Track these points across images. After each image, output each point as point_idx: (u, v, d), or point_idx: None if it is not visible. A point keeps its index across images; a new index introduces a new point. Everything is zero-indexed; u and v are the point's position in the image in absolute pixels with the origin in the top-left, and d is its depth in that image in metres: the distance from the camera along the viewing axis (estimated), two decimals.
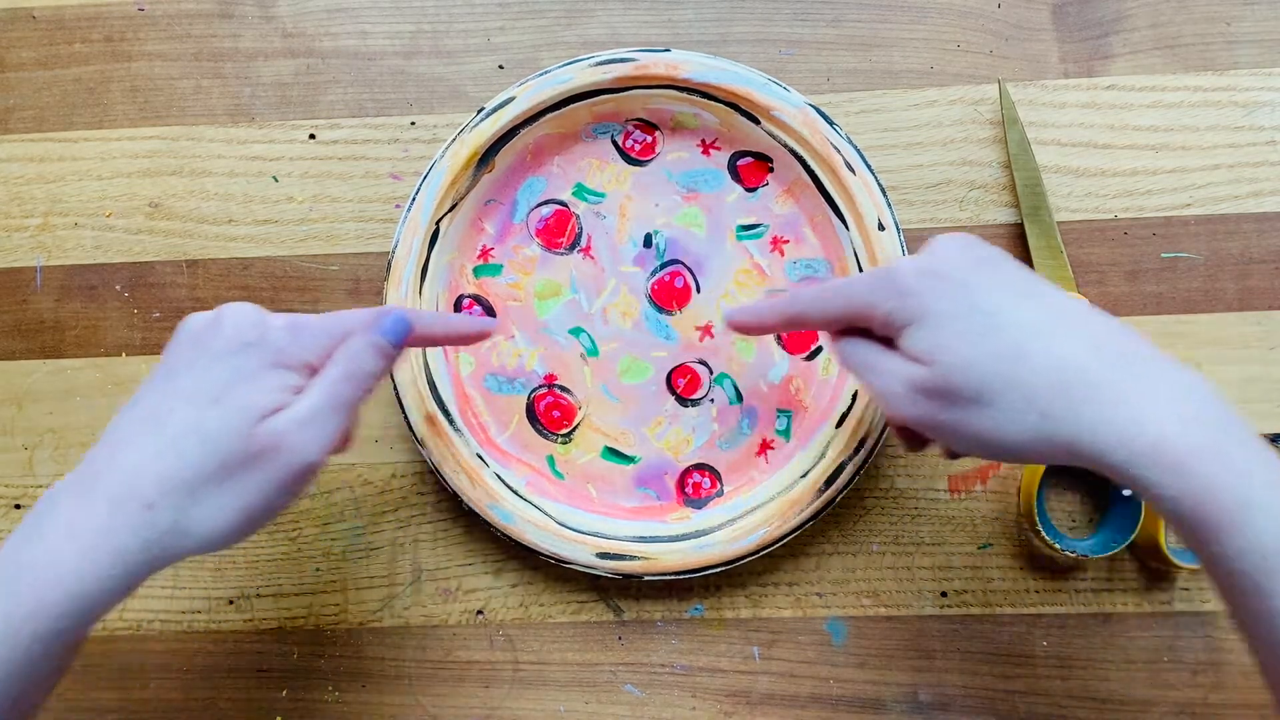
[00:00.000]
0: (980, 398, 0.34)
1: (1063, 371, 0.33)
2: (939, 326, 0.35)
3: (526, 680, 0.50)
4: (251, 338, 0.37)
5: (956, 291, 0.35)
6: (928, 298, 0.35)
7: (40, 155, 0.53)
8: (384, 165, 0.52)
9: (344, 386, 0.37)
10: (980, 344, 0.34)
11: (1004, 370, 0.34)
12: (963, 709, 0.49)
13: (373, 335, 0.38)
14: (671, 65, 0.48)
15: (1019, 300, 0.35)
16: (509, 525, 0.48)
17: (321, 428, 0.36)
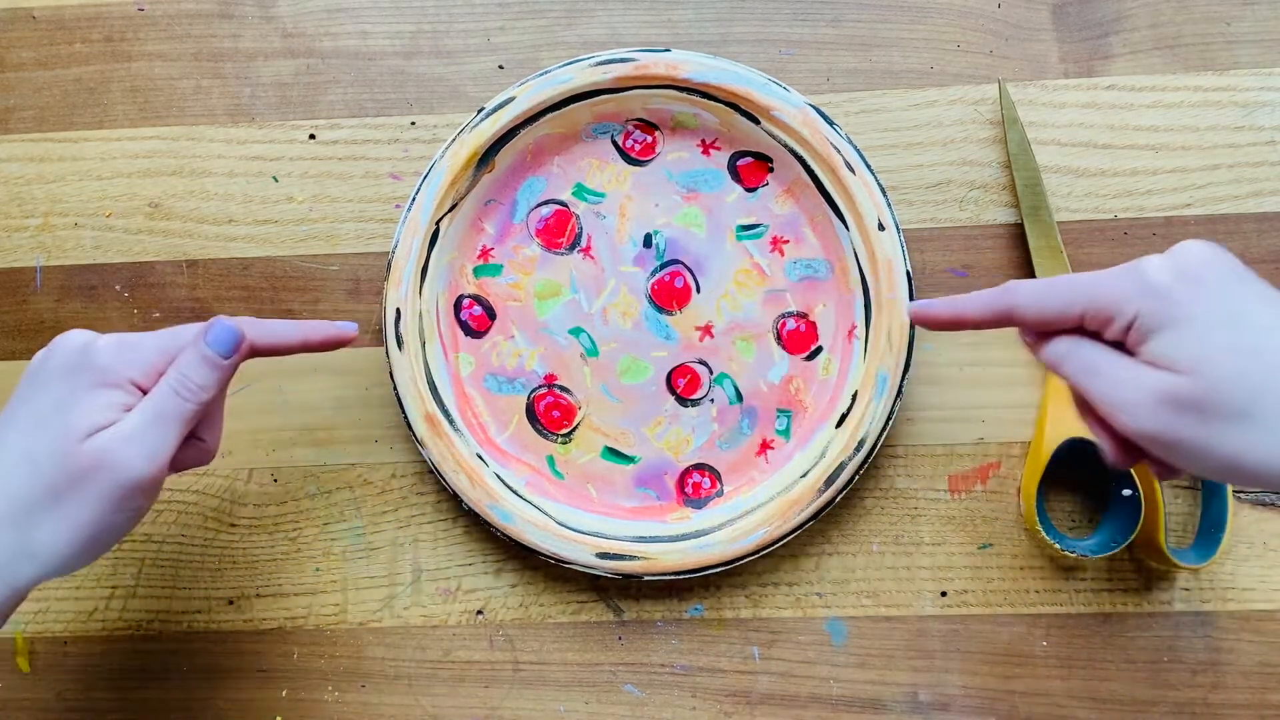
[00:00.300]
0: (1245, 414, 0.31)
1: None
2: (1203, 334, 0.32)
3: (526, 680, 0.50)
4: (75, 361, 0.38)
5: (1220, 299, 0.32)
6: (1187, 302, 0.32)
7: (40, 155, 0.53)
8: (384, 165, 0.52)
9: (171, 399, 0.38)
10: (1253, 358, 0.31)
11: (1272, 384, 0.31)
12: (963, 709, 0.49)
13: (200, 346, 0.39)
14: (671, 65, 0.48)
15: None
16: (509, 525, 0.48)
17: (145, 441, 0.37)
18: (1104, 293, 0.34)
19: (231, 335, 0.39)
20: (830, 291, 0.50)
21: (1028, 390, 0.49)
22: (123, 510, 0.37)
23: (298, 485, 0.51)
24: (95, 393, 0.37)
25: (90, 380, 0.38)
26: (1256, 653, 0.48)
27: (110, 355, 0.38)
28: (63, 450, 0.36)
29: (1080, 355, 0.35)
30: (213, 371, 0.39)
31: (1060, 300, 0.35)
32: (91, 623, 0.51)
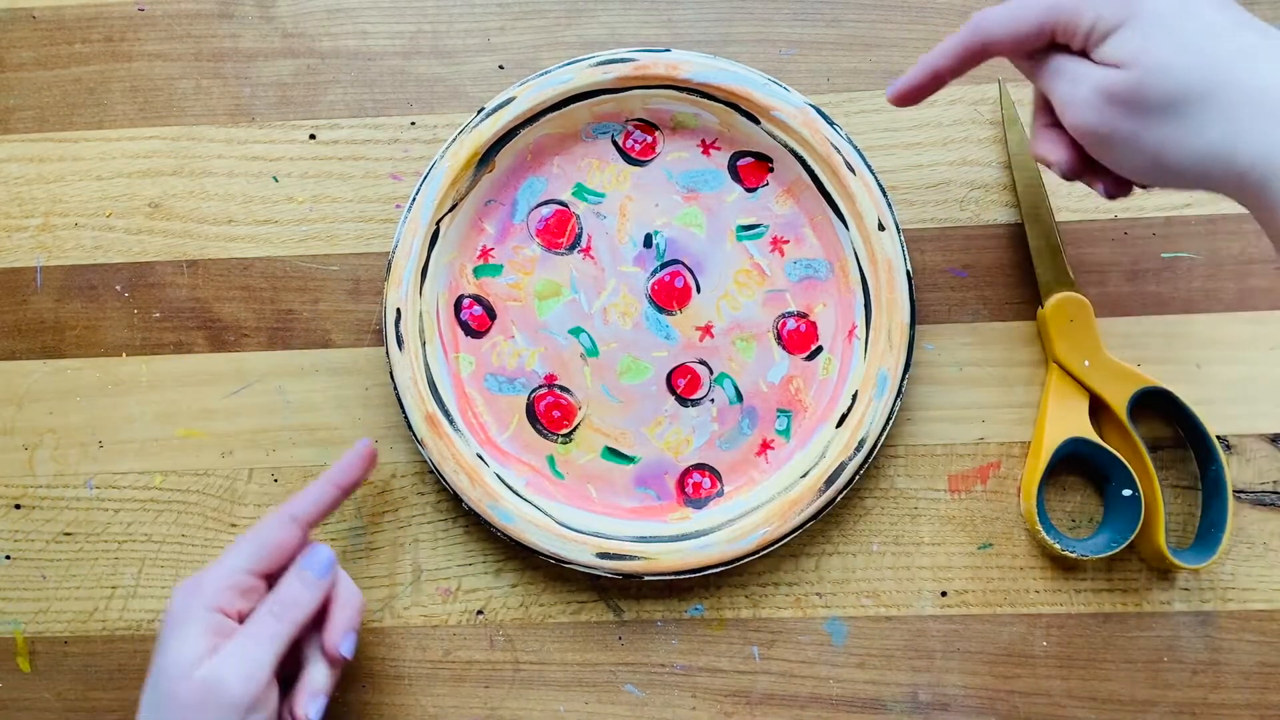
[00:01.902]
0: (1172, 106, 0.32)
1: (1265, 93, 0.32)
2: (1149, 27, 0.33)
3: (526, 680, 0.50)
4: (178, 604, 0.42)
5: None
6: (1139, 1, 0.33)
7: (40, 155, 0.53)
8: (384, 165, 0.52)
9: (266, 621, 0.42)
10: (1188, 51, 0.32)
11: (1208, 80, 0.32)
12: (963, 709, 0.49)
13: (299, 570, 0.43)
14: (671, 65, 0.48)
15: (1237, 23, 0.33)
16: (509, 525, 0.48)
17: (241, 664, 0.40)
18: (1064, 8, 0.35)
19: (329, 561, 0.44)
20: (830, 291, 0.50)
21: (1028, 390, 0.50)
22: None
23: (298, 485, 0.51)
24: (188, 629, 0.41)
25: (186, 618, 0.41)
26: (1256, 653, 0.48)
27: (190, 589, 0.42)
28: (173, 691, 0.39)
29: (1047, 62, 0.37)
30: (307, 591, 0.43)
31: (1027, 16, 0.36)
32: (91, 623, 0.51)
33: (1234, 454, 0.49)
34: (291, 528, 0.44)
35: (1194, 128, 0.32)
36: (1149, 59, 0.33)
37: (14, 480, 0.52)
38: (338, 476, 0.46)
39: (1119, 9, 0.34)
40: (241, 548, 0.43)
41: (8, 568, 0.51)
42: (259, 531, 0.44)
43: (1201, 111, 0.32)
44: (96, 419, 0.52)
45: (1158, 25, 0.33)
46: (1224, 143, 0.32)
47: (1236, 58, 0.32)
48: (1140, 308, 0.49)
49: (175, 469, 0.51)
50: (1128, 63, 0.33)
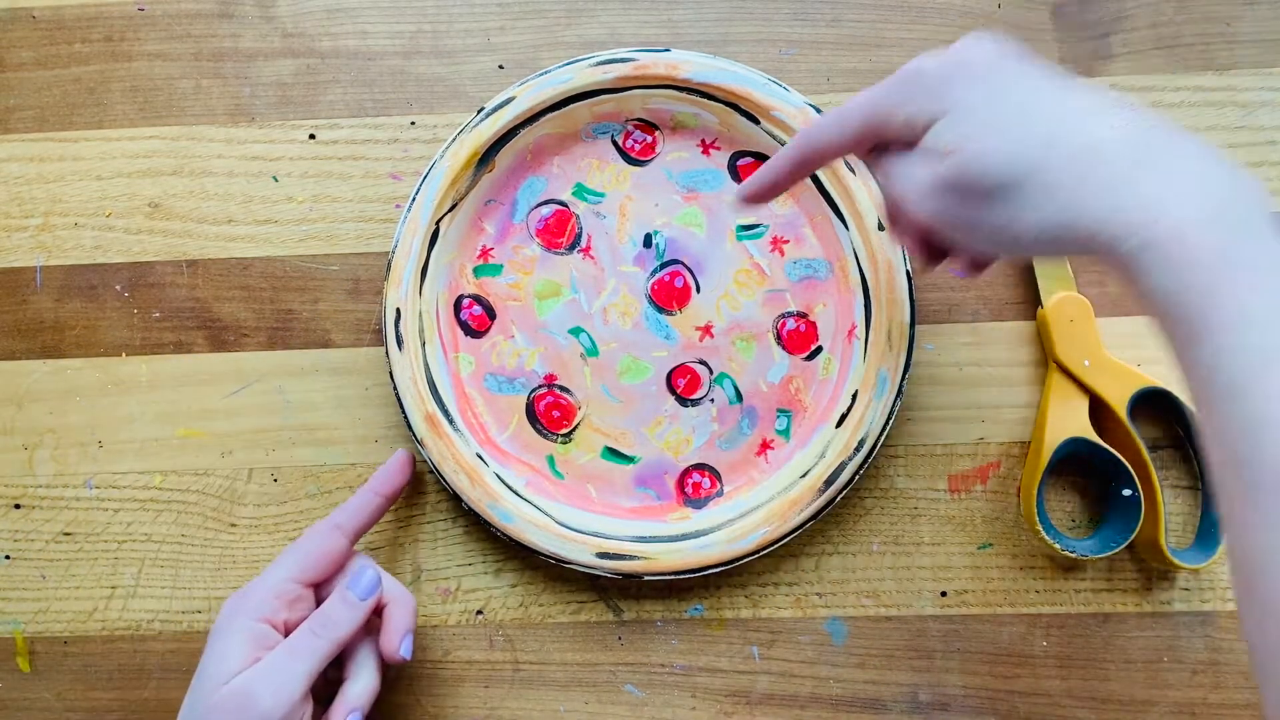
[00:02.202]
0: (1003, 188, 0.32)
1: (1088, 156, 0.31)
2: (966, 116, 0.33)
3: (526, 680, 0.50)
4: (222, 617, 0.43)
5: (984, 81, 0.34)
6: (955, 88, 0.34)
7: (40, 155, 0.53)
8: (384, 165, 0.52)
9: (305, 637, 0.42)
10: (1007, 132, 0.33)
11: (1030, 157, 0.32)
12: (963, 709, 0.49)
13: (343, 592, 0.44)
14: (671, 65, 0.48)
15: (1051, 91, 0.33)
16: (509, 525, 0.48)
17: (273, 678, 0.41)
18: (880, 102, 0.36)
19: (375, 583, 0.44)
20: (830, 291, 0.50)
21: (1028, 390, 0.50)
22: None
23: (298, 485, 0.51)
24: (231, 639, 0.41)
25: (231, 627, 0.42)
26: None
27: (239, 599, 0.43)
28: (209, 700, 0.40)
29: (882, 162, 0.37)
30: (349, 611, 0.43)
31: (848, 124, 0.37)
32: (91, 623, 0.51)
33: None
34: (337, 536, 0.45)
35: (1029, 206, 0.32)
36: (969, 147, 0.33)
37: (14, 480, 0.52)
38: (379, 485, 0.47)
39: (932, 103, 0.34)
40: (288, 558, 0.44)
41: (8, 568, 0.51)
42: (305, 541, 0.45)
43: (1031, 191, 0.32)
44: (96, 419, 0.52)
45: (970, 115, 0.33)
46: (1063, 214, 0.32)
47: (1054, 130, 0.32)
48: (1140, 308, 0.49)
49: (175, 469, 0.51)
50: (950, 153, 0.33)
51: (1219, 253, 0.29)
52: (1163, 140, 0.31)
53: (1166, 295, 0.30)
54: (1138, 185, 0.30)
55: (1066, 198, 0.31)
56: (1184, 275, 0.29)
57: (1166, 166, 0.31)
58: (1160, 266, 0.29)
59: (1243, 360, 0.28)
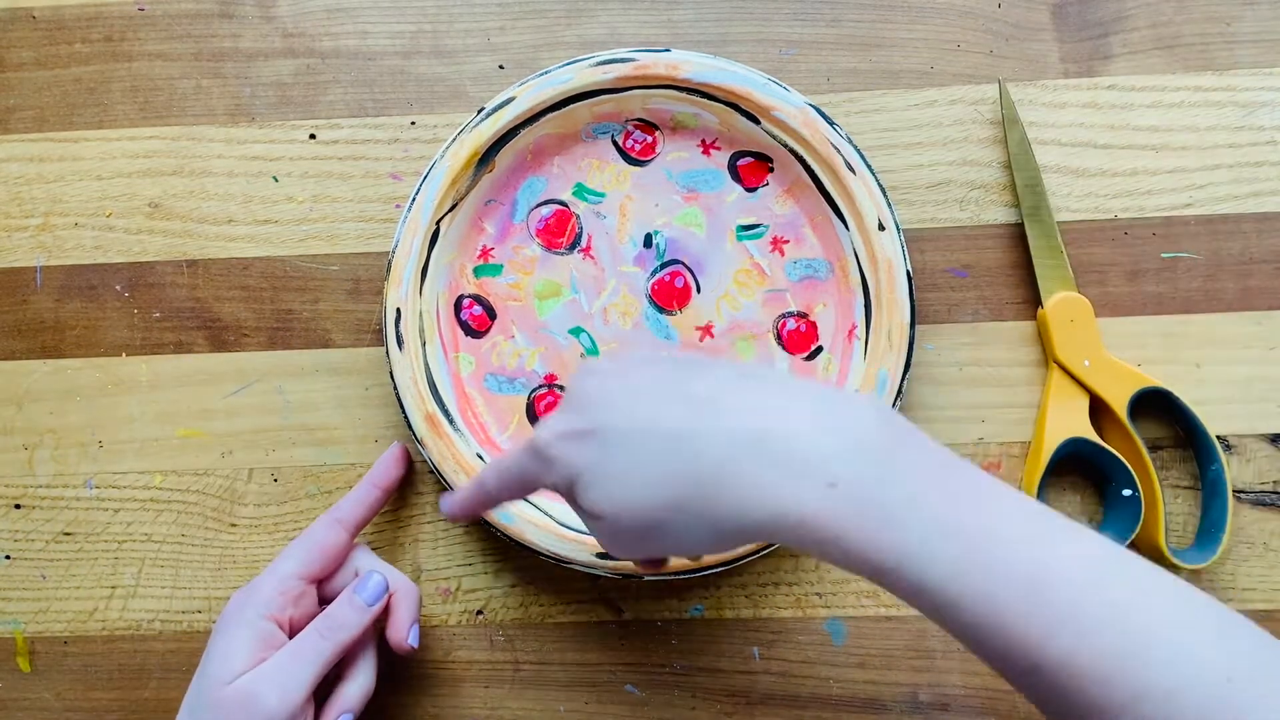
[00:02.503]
0: (657, 528, 0.33)
1: (700, 478, 0.32)
2: (590, 485, 0.34)
3: (526, 680, 0.50)
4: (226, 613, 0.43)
5: (592, 442, 0.34)
6: (570, 461, 0.34)
7: (40, 155, 0.53)
8: (384, 165, 0.52)
9: (311, 639, 0.42)
10: (631, 486, 0.33)
11: (663, 499, 0.32)
12: (963, 709, 0.49)
13: (351, 596, 0.44)
14: (671, 65, 0.48)
15: (657, 412, 0.33)
16: (509, 525, 0.48)
17: (278, 679, 0.41)
18: (528, 474, 0.37)
19: (382, 589, 0.45)
20: (830, 291, 0.50)
21: (1028, 390, 0.50)
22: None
23: (298, 485, 0.51)
24: (237, 636, 0.42)
25: (238, 624, 0.42)
26: None
27: (245, 596, 0.43)
28: (212, 697, 0.40)
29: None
30: (356, 615, 0.44)
31: (510, 486, 0.38)
32: (91, 623, 0.51)
33: (1234, 454, 0.49)
34: (338, 530, 0.45)
35: (689, 532, 0.33)
36: (607, 507, 0.33)
37: (14, 480, 0.52)
38: (376, 478, 0.48)
39: (563, 476, 0.35)
40: (291, 554, 0.44)
41: (8, 568, 0.51)
42: (307, 537, 0.45)
43: (680, 523, 0.32)
44: (96, 419, 0.52)
45: (597, 479, 0.33)
46: (717, 532, 0.32)
47: (666, 459, 0.32)
48: (1140, 308, 0.49)
49: (175, 469, 0.51)
50: (596, 514, 0.34)
51: (860, 521, 0.30)
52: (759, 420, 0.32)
53: (839, 564, 0.31)
54: (749, 489, 0.31)
55: (712, 516, 0.32)
56: (840, 549, 0.31)
57: (770, 449, 0.31)
58: (816, 549, 0.31)
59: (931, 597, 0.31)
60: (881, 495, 0.31)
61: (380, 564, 0.47)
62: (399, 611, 0.45)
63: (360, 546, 0.47)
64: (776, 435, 0.32)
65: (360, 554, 0.47)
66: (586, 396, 0.35)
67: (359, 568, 0.46)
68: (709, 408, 0.33)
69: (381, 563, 0.47)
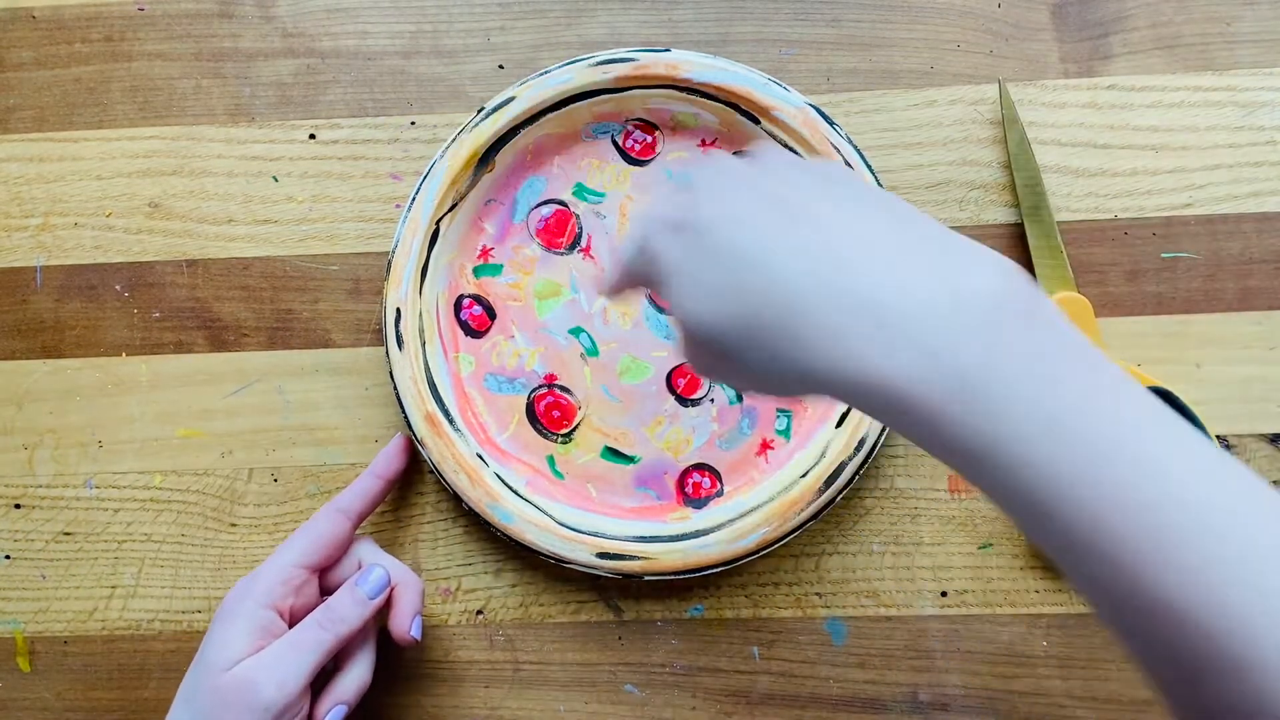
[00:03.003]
0: (729, 352, 0.30)
1: (790, 310, 0.28)
2: (674, 284, 0.31)
3: (526, 680, 0.50)
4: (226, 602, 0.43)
5: (692, 240, 0.31)
6: (663, 253, 0.32)
7: (40, 155, 0.53)
8: (384, 165, 0.52)
9: (310, 630, 0.42)
10: (713, 298, 0.30)
11: (738, 323, 0.29)
12: (963, 709, 0.49)
13: (353, 589, 0.44)
14: (671, 65, 0.48)
15: (762, 228, 0.30)
16: (509, 525, 0.48)
17: (277, 669, 0.41)
18: (631, 266, 0.34)
19: (383, 583, 0.45)
20: None
21: None
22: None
23: (298, 485, 0.51)
24: (237, 624, 0.41)
25: (238, 612, 0.42)
26: None
27: (246, 585, 0.43)
28: (209, 684, 0.40)
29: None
30: (357, 608, 0.44)
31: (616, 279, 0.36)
32: (91, 623, 0.51)
33: (1234, 454, 0.49)
34: (341, 521, 0.45)
35: (760, 363, 0.29)
36: (684, 316, 0.31)
37: (14, 480, 0.52)
38: (379, 469, 0.48)
39: (654, 269, 0.32)
40: (293, 543, 0.44)
41: (8, 568, 0.51)
42: (309, 527, 0.45)
43: (754, 351, 0.29)
44: (96, 419, 0.52)
45: (681, 280, 0.31)
46: (790, 372, 0.29)
47: (757, 279, 0.29)
48: (1140, 308, 0.49)
49: (175, 469, 0.51)
50: (676, 318, 0.32)
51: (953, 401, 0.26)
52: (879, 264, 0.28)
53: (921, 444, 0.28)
54: (837, 339, 0.27)
55: (786, 355, 0.28)
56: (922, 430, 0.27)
57: (875, 300, 0.27)
58: (894, 423, 0.28)
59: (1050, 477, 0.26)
60: (984, 375, 0.26)
61: (383, 555, 0.47)
62: (401, 603, 0.45)
63: (364, 538, 0.48)
64: (879, 284, 0.27)
65: (363, 545, 0.47)
66: (698, 183, 0.32)
67: (362, 558, 0.46)
68: (805, 226, 0.29)
69: (384, 554, 0.47)
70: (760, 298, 0.29)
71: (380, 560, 0.46)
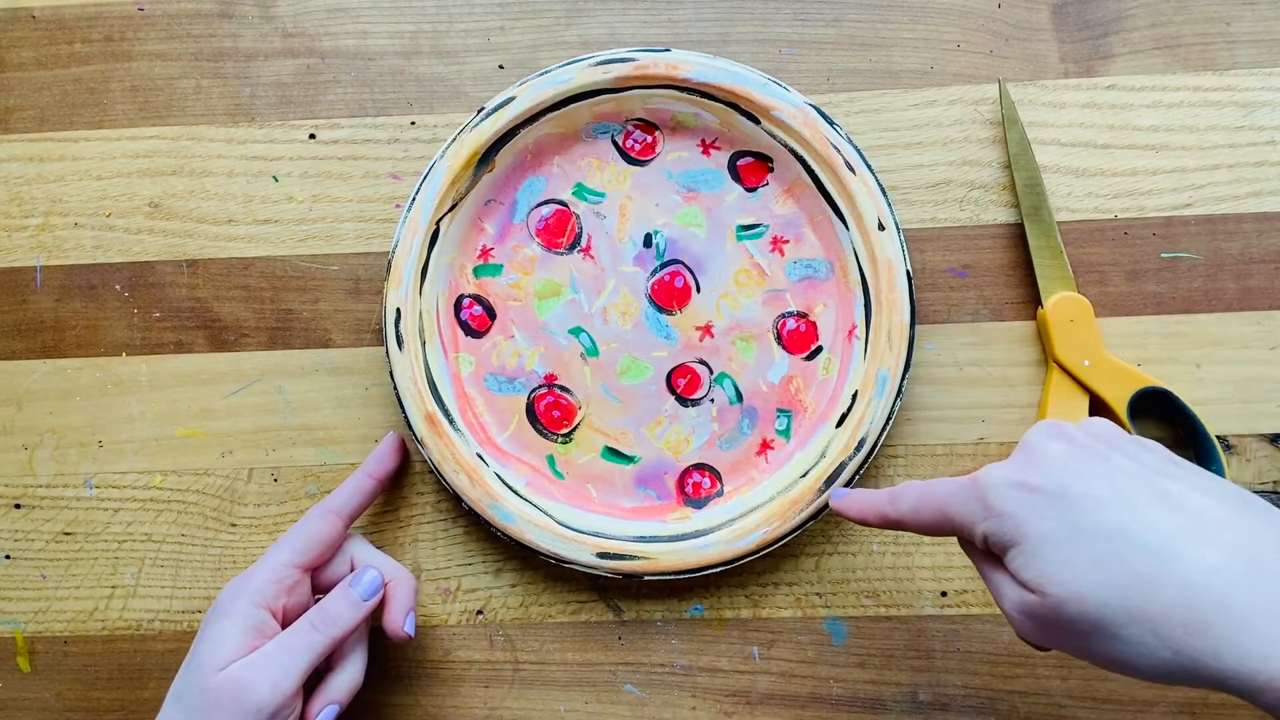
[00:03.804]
0: (1101, 631, 0.30)
1: (1195, 599, 0.28)
2: (1041, 554, 0.31)
3: (526, 680, 0.50)
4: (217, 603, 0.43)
5: (1055, 508, 0.31)
6: (1023, 518, 0.31)
7: (40, 155, 0.53)
8: (384, 165, 0.52)
9: (304, 632, 0.42)
10: (1093, 574, 0.29)
11: (1125, 603, 0.29)
12: (963, 709, 0.49)
13: (347, 590, 0.44)
14: (671, 65, 0.48)
15: (1141, 510, 0.30)
16: (509, 525, 0.48)
17: (270, 670, 0.40)
18: (956, 514, 0.34)
19: (377, 585, 0.45)
20: (830, 291, 0.50)
21: (1028, 390, 0.50)
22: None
23: (298, 485, 0.51)
24: (230, 624, 0.41)
25: (231, 612, 0.42)
26: None
27: (239, 585, 0.43)
28: (202, 684, 0.40)
29: (974, 561, 0.35)
30: (351, 610, 0.44)
31: (928, 518, 0.35)
32: (91, 623, 0.51)
33: (1234, 454, 0.49)
34: (333, 520, 0.46)
35: (1140, 648, 0.29)
36: (1055, 589, 0.30)
37: (14, 480, 0.52)
38: (371, 468, 0.48)
39: (1008, 531, 0.32)
40: (285, 543, 0.45)
41: (8, 568, 0.51)
42: (301, 527, 0.45)
43: (1136, 635, 0.29)
44: (96, 419, 0.52)
45: (1052, 551, 0.30)
46: (1179, 659, 0.28)
47: (1151, 567, 0.29)
48: (1140, 308, 0.49)
49: (175, 469, 0.51)
50: (1035, 588, 0.31)
51: None
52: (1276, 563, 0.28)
53: None
54: (1255, 629, 0.27)
55: (1179, 643, 0.28)
56: None
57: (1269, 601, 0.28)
58: None
59: None
60: None
61: (376, 553, 0.47)
62: (395, 599, 0.45)
63: (355, 535, 0.48)
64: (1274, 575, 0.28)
65: (355, 543, 0.47)
66: (1051, 457, 0.31)
67: (354, 556, 0.46)
68: (1201, 521, 0.29)
69: (377, 552, 0.47)
70: (1155, 584, 0.28)
71: (373, 559, 0.46)
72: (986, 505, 0.32)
